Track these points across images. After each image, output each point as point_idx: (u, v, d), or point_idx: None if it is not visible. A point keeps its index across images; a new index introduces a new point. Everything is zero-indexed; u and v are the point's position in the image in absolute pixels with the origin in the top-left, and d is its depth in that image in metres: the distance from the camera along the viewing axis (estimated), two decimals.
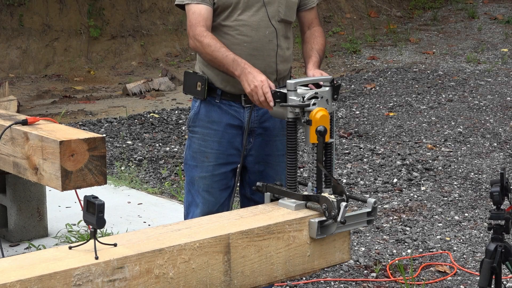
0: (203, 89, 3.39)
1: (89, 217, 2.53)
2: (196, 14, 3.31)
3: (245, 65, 3.19)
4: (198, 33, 3.29)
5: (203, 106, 3.43)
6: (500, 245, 3.13)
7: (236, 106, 3.40)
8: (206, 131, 3.43)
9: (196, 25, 3.30)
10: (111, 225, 5.03)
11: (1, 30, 11.30)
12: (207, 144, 3.43)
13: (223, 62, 3.23)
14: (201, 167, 3.43)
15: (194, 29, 3.30)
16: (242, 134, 3.43)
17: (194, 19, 3.31)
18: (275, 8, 3.37)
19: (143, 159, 6.88)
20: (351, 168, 6.56)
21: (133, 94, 9.92)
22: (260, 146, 3.47)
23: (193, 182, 3.47)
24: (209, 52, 3.26)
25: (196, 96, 3.45)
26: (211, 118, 3.42)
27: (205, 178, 3.43)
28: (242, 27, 3.34)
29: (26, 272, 2.39)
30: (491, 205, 5.56)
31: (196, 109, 3.46)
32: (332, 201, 2.94)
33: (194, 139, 3.47)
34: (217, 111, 3.41)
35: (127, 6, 12.33)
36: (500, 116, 8.20)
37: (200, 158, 3.44)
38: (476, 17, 14.05)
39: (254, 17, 3.35)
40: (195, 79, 3.44)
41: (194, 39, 3.30)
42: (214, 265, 2.73)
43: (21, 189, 4.77)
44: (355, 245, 4.95)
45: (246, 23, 3.34)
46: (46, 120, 3.81)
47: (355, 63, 11.56)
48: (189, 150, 3.49)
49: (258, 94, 3.13)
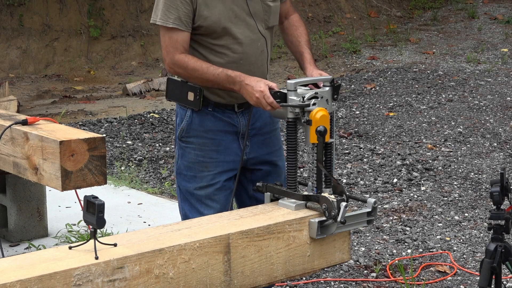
0: (197, 100, 3.31)
1: (89, 217, 2.53)
2: (172, 40, 3.22)
3: (241, 77, 3.15)
4: (178, 61, 3.21)
5: (196, 116, 3.36)
6: (500, 245, 3.13)
7: (229, 112, 3.35)
8: (202, 141, 3.36)
9: (174, 53, 3.22)
10: (111, 225, 5.03)
11: (1, 30, 11.31)
12: (204, 154, 3.36)
13: (217, 81, 3.20)
14: (201, 177, 3.37)
15: (172, 57, 3.22)
16: (238, 139, 3.39)
17: (170, 46, 3.22)
18: (262, 17, 3.32)
19: (143, 159, 6.88)
20: (351, 168, 6.57)
21: (133, 94, 9.92)
22: (257, 146, 3.44)
23: (192, 192, 3.39)
24: (197, 76, 3.21)
25: (188, 106, 3.36)
26: (206, 127, 3.35)
27: (207, 187, 3.37)
28: (235, 45, 3.28)
29: (26, 272, 2.39)
30: (491, 205, 5.56)
31: (188, 119, 3.38)
32: (332, 201, 2.94)
33: (188, 149, 3.38)
34: (211, 120, 3.35)
35: (127, 6, 12.33)
36: (500, 116, 8.20)
37: (198, 169, 3.37)
38: (476, 17, 14.06)
39: (245, 32, 3.29)
40: (184, 88, 3.35)
41: (174, 67, 3.23)
42: (214, 265, 2.73)
43: (21, 189, 4.77)
44: (355, 245, 4.95)
45: (239, 41, 3.28)
46: (46, 120, 3.81)
47: (355, 63, 11.56)
48: (183, 160, 3.40)
49: (262, 104, 3.12)
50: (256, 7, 3.30)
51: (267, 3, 3.33)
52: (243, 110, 3.36)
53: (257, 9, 3.31)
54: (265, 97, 3.10)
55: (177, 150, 3.45)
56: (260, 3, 3.31)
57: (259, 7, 3.31)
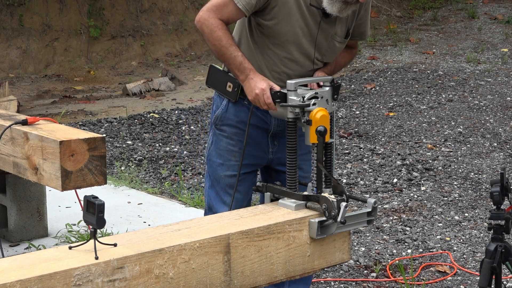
0: (235, 92, 3.35)
1: (89, 217, 2.53)
2: (224, 8, 3.20)
3: (250, 71, 3.20)
4: (211, 23, 3.20)
5: (232, 106, 3.41)
6: (500, 245, 3.13)
7: (264, 110, 3.36)
8: (235, 131, 3.42)
9: (214, 15, 3.20)
10: (111, 225, 5.03)
11: (1, 30, 11.30)
12: (235, 143, 3.43)
13: (229, 61, 3.23)
14: (228, 165, 3.44)
15: (209, 16, 3.20)
16: (267, 137, 3.44)
17: (218, 8, 3.20)
18: (323, 51, 3.34)
19: (143, 159, 6.88)
20: (351, 168, 6.56)
21: (133, 94, 9.92)
22: (285, 147, 3.47)
23: (218, 179, 3.47)
24: (217, 45, 3.22)
25: (225, 95, 3.40)
26: (240, 119, 3.40)
27: (232, 177, 3.44)
28: (288, 60, 3.29)
29: (26, 272, 2.39)
30: (491, 205, 5.56)
31: (223, 108, 3.43)
32: (332, 201, 2.94)
33: (221, 137, 3.45)
34: (246, 112, 3.38)
35: (127, 6, 12.33)
36: (500, 116, 8.20)
37: (227, 157, 3.44)
38: (476, 17, 14.06)
39: (303, 56, 3.30)
40: (225, 78, 3.39)
41: (204, 24, 3.21)
42: (214, 265, 2.73)
43: (21, 189, 4.77)
44: (355, 245, 4.95)
45: (293, 59, 3.29)
46: (46, 120, 3.81)
47: (355, 63, 11.56)
48: (215, 147, 3.48)
49: (260, 102, 3.18)
50: (322, 41, 3.31)
51: (335, 43, 3.35)
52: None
53: (322, 43, 3.31)
54: (265, 96, 3.15)
55: (211, 136, 3.51)
56: (329, 38, 3.32)
57: (325, 42, 3.32)
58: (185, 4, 12.78)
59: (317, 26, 3.26)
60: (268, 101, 3.15)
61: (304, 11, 3.23)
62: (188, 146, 7.35)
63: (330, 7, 3.16)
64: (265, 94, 3.15)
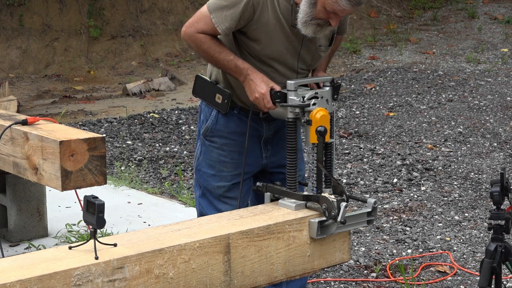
0: (225, 104, 3.35)
1: (89, 217, 2.53)
2: (206, 25, 3.20)
3: (248, 71, 3.19)
4: (197, 37, 3.21)
5: (222, 117, 3.40)
6: (500, 245, 3.13)
7: (254, 117, 3.36)
8: (226, 142, 3.41)
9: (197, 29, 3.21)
10: (111, 225, 5.03)
11: (1, 30, 11.30)
12: (226, 154, 3.42)
13: (225, 67, 3.24)
14: (220, 176, 3.43)
15: (194, 31, 3.21)
16: (260, 143, 3.44)
17: (200, 25, 3.21)
18: (307, 61, 3.34)
19: (143, 159, 6.88)
20: (351, 168, 6.56)
21: (133, 94, 9.92)
22: (278, 150, 3.49)
23: (210, 190, 3.45)
24: (208, 56, 3.24)
25: (215, 106, 3.39)
26: (230, 129, 3.40)
27: (225, 186, 3.43)
28: (273, 73, 3.28)
29: (26, 272, 2.39)
30: (491, 205, 5.56)
31: (213, 119, 3.42)
32: (332, 201, 2.94)
33: (211, 148, 3.44)
34: (236, 122, 3.39)
35: (127, 6, 12.33)
36: (500, 116, 8.20)
37: (219, 168, 3.43)
38: (476, 17, 14.05)
39: (287, 69, 3.30)
40: (213, 89, 3.39)
41: (190, 39, 3.24)
42: (214, 265, 2.73)
43: (21, 189, 4.77)
44: (355, 245, 4.95)
45: (280, 73, 3.29)
46: (46, 120, 3.81)
47: (355, 63, 11.56)
48: (205, 157, 3.46)
49: (260, 105, 3.19)
50: (306, 55, 3.31)
51: (320, 53, 3.35)
52: (267, 115, 3.37)
53: (306, 57, 3.31)
54: (265, 101, 3.16)
55: (200, 146, 3.49)
56: (314, 51, 3.32)
57: (309, 56, 3.32)
58: (185, 4, 12.77)
59: (300, 43, 3.26)
60: (268, 105, 3.15)
61: (287, 32, 3.21)
62: (188, 146, 7.35)
63: (304, 29, 3.14)
64: (265, 98, 3.15)
